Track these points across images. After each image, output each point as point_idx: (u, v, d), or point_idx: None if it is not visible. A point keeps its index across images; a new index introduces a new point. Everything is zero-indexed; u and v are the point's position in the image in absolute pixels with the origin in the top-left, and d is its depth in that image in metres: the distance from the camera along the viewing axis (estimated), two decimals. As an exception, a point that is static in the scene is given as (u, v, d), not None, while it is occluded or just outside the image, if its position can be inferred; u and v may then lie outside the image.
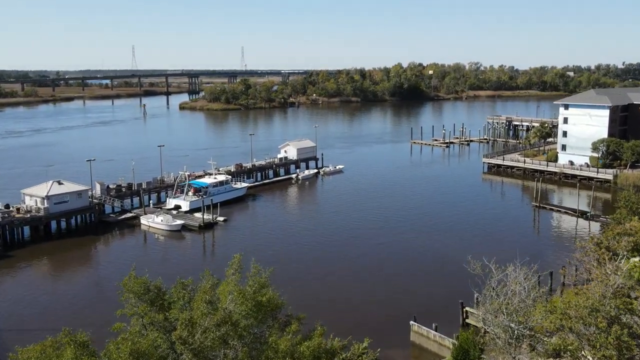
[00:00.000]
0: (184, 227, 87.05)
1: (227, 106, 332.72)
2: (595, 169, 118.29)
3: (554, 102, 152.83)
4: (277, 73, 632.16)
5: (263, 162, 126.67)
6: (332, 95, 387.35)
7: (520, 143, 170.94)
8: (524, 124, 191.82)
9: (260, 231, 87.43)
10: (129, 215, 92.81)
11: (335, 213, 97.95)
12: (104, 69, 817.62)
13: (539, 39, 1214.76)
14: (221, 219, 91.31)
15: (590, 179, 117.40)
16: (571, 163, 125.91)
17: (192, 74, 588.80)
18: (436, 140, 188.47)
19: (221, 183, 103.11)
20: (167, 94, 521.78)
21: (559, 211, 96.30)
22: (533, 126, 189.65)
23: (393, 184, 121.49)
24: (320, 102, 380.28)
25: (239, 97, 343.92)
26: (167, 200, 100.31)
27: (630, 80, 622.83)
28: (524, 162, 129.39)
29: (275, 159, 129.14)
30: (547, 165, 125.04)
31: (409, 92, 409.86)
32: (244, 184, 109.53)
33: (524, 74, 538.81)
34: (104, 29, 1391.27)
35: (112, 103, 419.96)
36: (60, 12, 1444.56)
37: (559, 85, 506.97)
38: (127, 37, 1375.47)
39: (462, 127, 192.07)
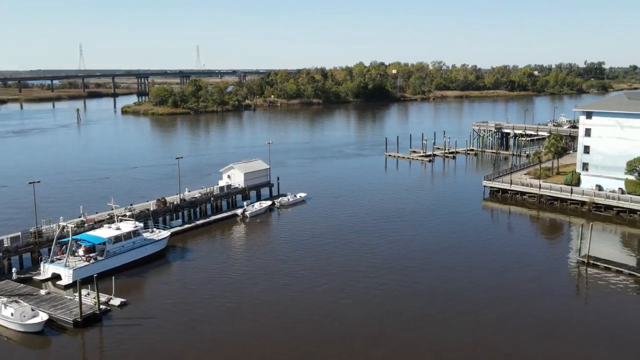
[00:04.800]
0: (51, 323, 53.89)
1: (175, 110, 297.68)
2: None
3: (573, 109, 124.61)
4: (233, 73, 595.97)
5: (197, 194, 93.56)
6: (292, 97, 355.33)
7: (524, 157, 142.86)
8: (516, 131, 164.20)
9: (179, 324, 54.96)
10: (-31, 298, 58.99)
11: (300, 275, 66.31)
12: (50, 68, 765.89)
13: (500, 38, 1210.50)
14: (116, 302, 58.35)
15: (633, 211, 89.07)
16: (599, 188, 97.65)
17: (141, 74, 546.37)
18: (415, 152, 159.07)
19: (127, 236, 70.07)
20: (114, 95, 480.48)
21: (620, 272, 66.56)
22: (527, 134, 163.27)
23: (371, 220, 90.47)
24: (279, 105, 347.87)
25: (189, 99, 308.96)
26: (42, 266, 66.69)
27: (592, 79, 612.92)
28: (540, 188, 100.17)
29: (215, 188, 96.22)
30: (572, 193, 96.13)
31: (373, 92, 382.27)
32: (164, 233, 76.34)
33: (490, 74, 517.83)
34: (50, 27, 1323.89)
35: (53, 106, 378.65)
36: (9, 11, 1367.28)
37: (527, 84, 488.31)
38: (75, 36, 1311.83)
39: (444, 136, 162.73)
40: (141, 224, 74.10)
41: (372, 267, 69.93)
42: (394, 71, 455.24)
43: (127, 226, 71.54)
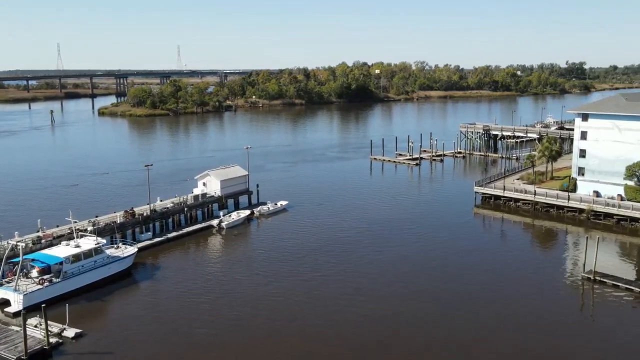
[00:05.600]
0: (-7, 361, 47.10)
1: (154, 111, 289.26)
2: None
3: (568, 111, 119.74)
4: (214, 73, 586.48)
5: (169, 204, 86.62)
6: (274, 98, 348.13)
7: (514, 159, 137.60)
8: (504, 132, 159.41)
9: (143, 358, 48.31)
10: None
11: (282, 294, 59.86)
12: (28, 69, 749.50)
13: (482, 38, 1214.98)
14: (70, 333, 51.42)
15: (635, 219, 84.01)
16: (597, 194, 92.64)
17: (120, 75, 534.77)
18: (401, 154, 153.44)
19: (88, 254, 63.05)
20: (93, 96, 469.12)
21: (629, 289, 61.16)
22: (515, 136, 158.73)
23: (356, 229, 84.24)
24: (261, 105, 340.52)
25: (168, 100, 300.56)
26: (-11, 290, 59.54)
27: (574, 79, 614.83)
28: (535, 194, 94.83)
29: (189, 197, 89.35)
30: (569, 200, 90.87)
31: (357, 93, 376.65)
32: (131, 249, 69.37)
33: (474, 74, 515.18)
34: (28, 26, 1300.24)
35: (29, 107, 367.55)
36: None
37: (510, 84, 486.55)
38: (54, 36, 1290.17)
39: (431, 138, 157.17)
40: (104, 240, 67.11)
41: (358, 282, 63.99)
42: (377, 71, 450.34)
43: (88, 243, 64.49)
